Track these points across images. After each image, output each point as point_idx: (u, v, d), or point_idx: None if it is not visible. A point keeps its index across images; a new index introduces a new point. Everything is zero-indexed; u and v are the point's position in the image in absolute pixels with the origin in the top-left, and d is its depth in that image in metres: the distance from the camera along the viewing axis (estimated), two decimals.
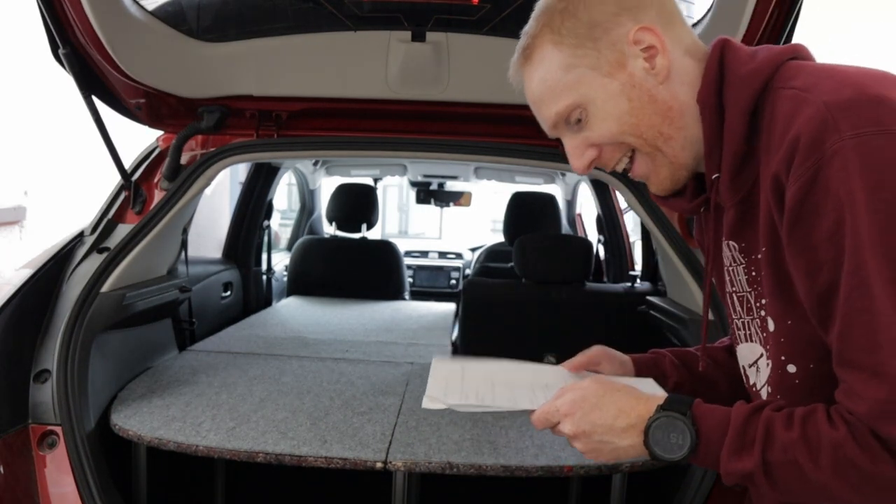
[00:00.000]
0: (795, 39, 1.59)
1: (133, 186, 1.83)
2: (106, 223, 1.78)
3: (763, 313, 0.86)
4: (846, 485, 0.69)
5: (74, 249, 1.71)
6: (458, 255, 4.87)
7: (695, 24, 1.65)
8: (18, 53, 3.87)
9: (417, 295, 4.24)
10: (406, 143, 1.84)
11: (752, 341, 0.90)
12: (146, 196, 1.84)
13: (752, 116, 0.80)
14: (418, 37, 1.73)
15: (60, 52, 1.59)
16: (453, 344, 2.39)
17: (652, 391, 0.92)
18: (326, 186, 4.03)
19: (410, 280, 4.40)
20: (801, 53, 0.85)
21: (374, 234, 3.71)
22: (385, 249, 3.58)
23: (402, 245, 3.88)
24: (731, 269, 0.92)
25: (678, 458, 0.79)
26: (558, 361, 2.30)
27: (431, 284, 4.60)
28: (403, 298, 3.51)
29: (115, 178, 1.85)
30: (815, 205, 0.70)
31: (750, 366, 0.92)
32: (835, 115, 0.69)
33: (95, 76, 1.73)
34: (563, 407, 0.87)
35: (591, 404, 0.85)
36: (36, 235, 4.26)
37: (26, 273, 1.57)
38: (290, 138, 1.92)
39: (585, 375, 1.03)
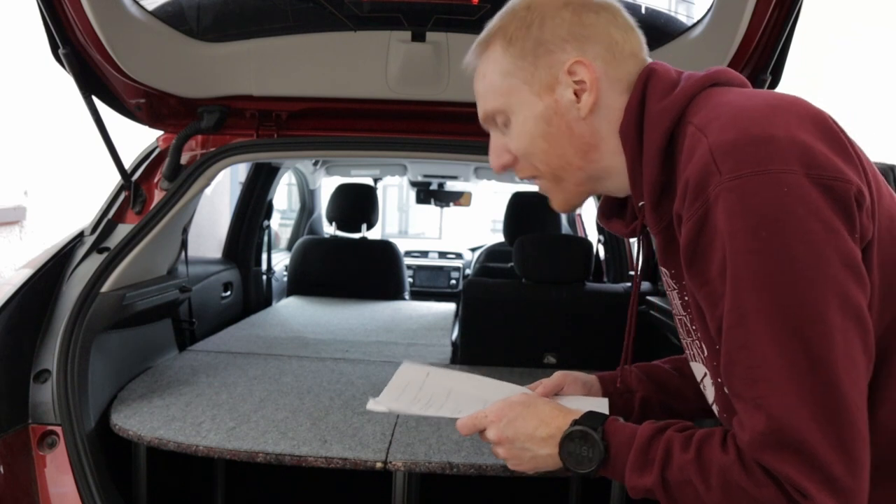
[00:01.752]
0: (795, 41, 1.60)
1: (133, 186, 1.83)
2: (106, 223, 1.77)
3: (698, 335, 0.89)
4: None
5: (74, 249, 1.70)
6: (458, 255, 4.87)
7: (695, 24, 1.65)
8: (18, 53, 3.86)
9: (417, 295, 4.24)
10: (406, 143, 1.84)
11: (696, 361, 0.94)
12: (146, 196, 1.84)
13: (667, 150, 0.82)
14: (418, 37, 1.73)
15: (60, 52, 1.59)
16: (453, 344, 2.39)
17: (600, 409, 0.94)
18: (326, 186, 4.03)
19: (410, 280, 4.40)
20: (721, 79, 0.86)
21: (374, 234, 3.71)
22: (385, 249, 3.58)
23: (402, 245, 3.88)
24: (668, 292, 0.95)
25: (587, 471, 0.84)
26: (558, 361, 2.31)
27: (431, 284, 4.60)
28: (403, 298, 3.51)
29: (115, 178, 1.85)
30: (704, 245, 0.73)
31: (700, 382, 0.95)
32: (717, 159, 0.71)
33: (95, 76, 1.73)
34: (490, 414, 0.91)
35: (516, 413, 0.90)
36: (36, 235, 4.26)
37: (26, 273, 1.57)
38: (290, 138, 1.92)
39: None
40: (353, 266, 3.46)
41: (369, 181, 3.97)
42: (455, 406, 0.99)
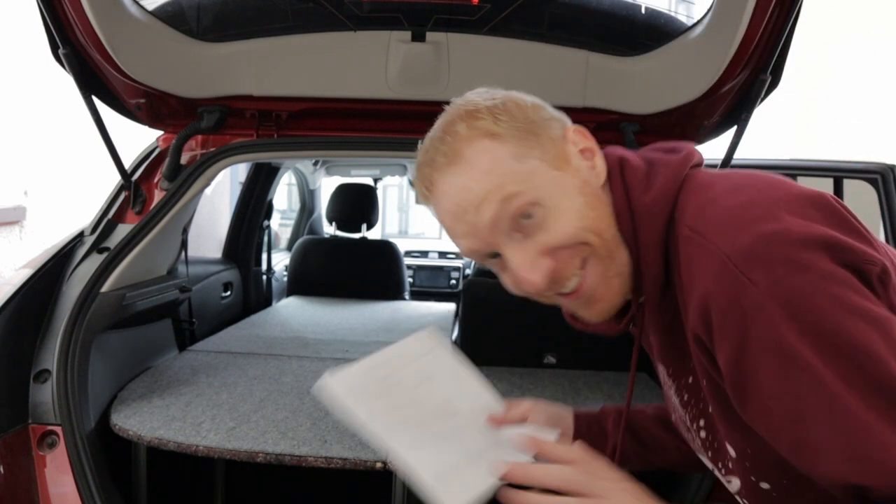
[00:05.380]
0: (796, 52, 1.59)
1: (133, 186, 1.83)
2: (106, 223, 1.77)
3: (703, 434, 0.86)
4: None
5: (74, 249, 1.70)
6: (458, 255, 4.87)
7: (695, 24, 1.65)
8: (18, 53, 3.86)
9: (417, 295, 4.24)
10: (406, 143, 1.84)
11: (700, 453, 0.90)
12: (146, 196, 1.84)
13: (665, 248, 0.78)
14: (418, 37, 1.73)
15: (60, 52, 1.59)
16: (453, 344, 2.39)
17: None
18: (326, 186, 4.03)
19: (410, 280, 4.40)
20: (694, 159, 0.81)
21: (374, 234, 3.71)
22: (385, 249, 3.58)
23: (402, 245, 3.88)
24: (665, 390, 0.92)
25: None
26: (558, 361, 2.30)
27: (431, 284, 4.60)
28: (403, 298, 3.51)
29: (115, 178, 1.85)
30: (753, 364, 0.67)
31: (713, 470, 0.90)
32: (742, 268, 0.66)
33: (95, 76, 1.73)
34: (570, 484, 0.77)
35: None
36: (36, 235, 4.26)
37: (26, 273, 1.57)
38: (290, 138, 1.92)
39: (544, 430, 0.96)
40: (353, 266, 3.46)
41: (369, 181, 3.97)
42: (408, 422, 0.86)
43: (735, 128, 1.71)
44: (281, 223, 4.72)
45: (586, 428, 1.07)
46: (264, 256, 3.27)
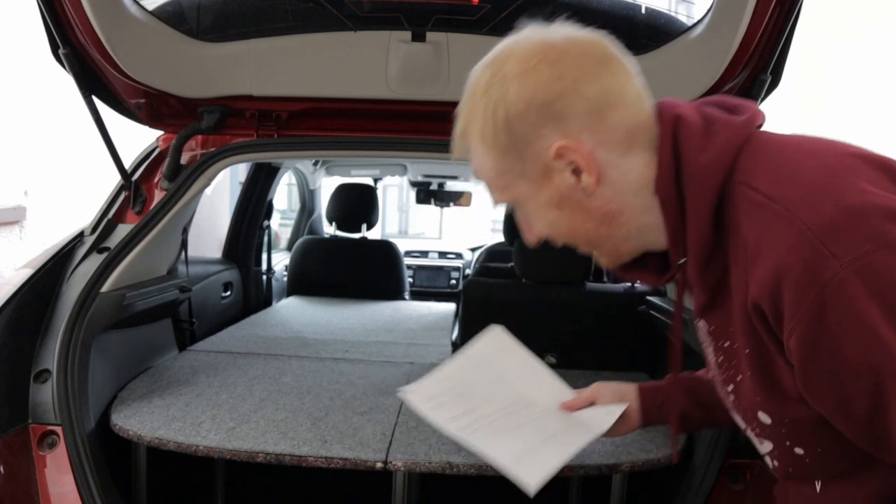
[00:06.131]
0: (796, 42, 1.59)
1: (133, 186, 1.83)
2: (106, 223, 1.77)
3: (731, 398, 0.87)
4: None
5: (74, 249, 1.70)
6: (458, 255, 4.87)
7: (695, 24, 1.65)
8: (18, 53, 3.86)
9: (417, 295, 4.23)
10: (406, 143, 1.84)
11: (732, 413, 0.91)
12: (146, 196, 1.84)
13: (715, 211, 0.76)
14: (418, 37, 1.73)
15: (60, 52, 1.60)
16: (453, 344, 2.39)
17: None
18: (326, 186, 4.02)
19: (410, 280, 4.39)
20: (758, 121, 0.79)
21: (374, 234, 3.71)
22: (385, 249, 3.58)
23: (402, 245, 3.88)
24: (704, 348, 0.92)
25: None
26: (558, 361, 2.30)
27: (431, 284, 4.60)
28: (403, 298, 3.51)
29: (115, 178, 1.85)
30: (828, 343, 0.66)
31: (742, 428, 0.92)
32: (825, 241, 0.64)
33: (95, 76, 1.73)
34: None
35: None
36: (36, 235, 4.25)
37: (26, 273, 1.57)
38: (290, 138, 1.92)
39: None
40: (353, 266, 3.46)
41: (369, 181, 3.97)
42: (484, 418, 0.97)
43: None
44: (281, 223, 4.72)
45: (650, 399, 1.12)
46: (264, 256, 3.26)
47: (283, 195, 5.59)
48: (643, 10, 1.71)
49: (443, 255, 4.84)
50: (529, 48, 0.80)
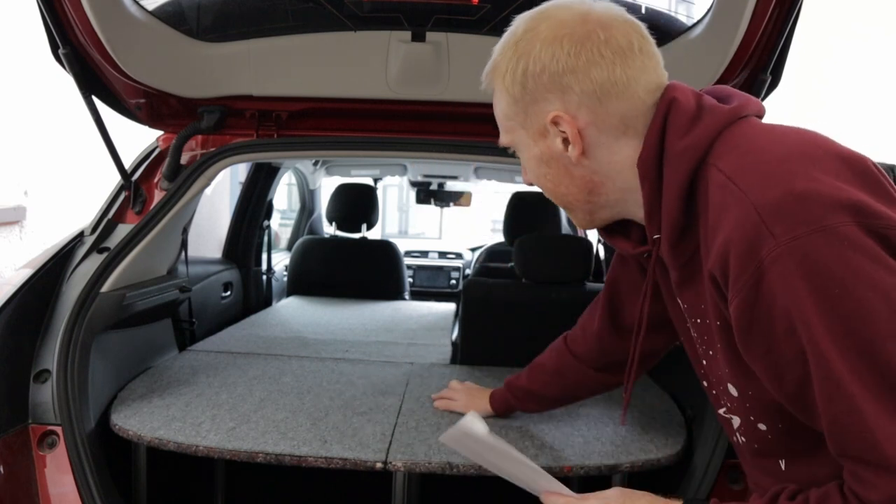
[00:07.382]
0: (796, 42, 1.59)
1: (133, 186, 1.83)
2: (106, 223, 1.77)
3: (703, 371, 0.92)
4: None
5: (74, 249, 1.70)
6: (458, 255, 4.87)
7: (695, 24, 1.65)
8: (18, 53, 3.86)
9: (417, 295, 4.24)
10: (406, 143, 1.84)
11: (711, 391, 0.95)
12: (146, 196, 1.84)
13: (689, 191, 0.82)
14: (418, 37, 1.73)
15: (60, 52, 1.59)
16: (453, 344, 2.39)
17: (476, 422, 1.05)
18: (326, 186, 4.03)
19: (410, 280, 4.40)
20: (743, 112, 0.83)
21: (374, 234, 3.71)
22: (385, 249, 3.58)
23: (402, 245, 3.88)
24: (682, 321, 0.96)
25: None
26: None
27: (431, 284, 4.60)
28: (403, 298, 3.51)
29: (115, 178, 1.85)
30: (762, 314, 0.70)
31: (714, 400, 0.97)
32: (766, 220, 0.68)
33: (95, 76, 1.73)
34: (593, 500, 0.99)
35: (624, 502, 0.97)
36: (36, 235, 4.26)
37: (26, 273, 1.57)
38: (290, 138, 1.92)
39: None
40: (353, 266, 3.46)
41: (369, 181, 3.97)
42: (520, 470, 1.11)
43: None
44: (281, 223, 4.72)
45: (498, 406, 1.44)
46: (264, 256, 3.26)
47: (283, 195, 5.59)
48: (643, 10, 1.71)
49: (443, 255, 4.84)
50: (565, 18, 0.86)
